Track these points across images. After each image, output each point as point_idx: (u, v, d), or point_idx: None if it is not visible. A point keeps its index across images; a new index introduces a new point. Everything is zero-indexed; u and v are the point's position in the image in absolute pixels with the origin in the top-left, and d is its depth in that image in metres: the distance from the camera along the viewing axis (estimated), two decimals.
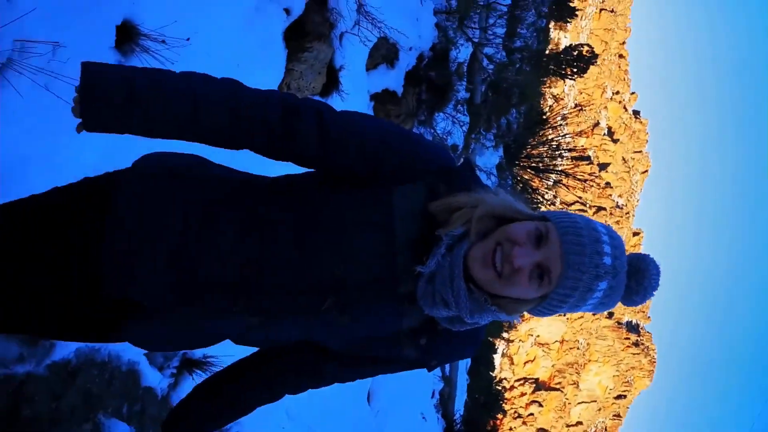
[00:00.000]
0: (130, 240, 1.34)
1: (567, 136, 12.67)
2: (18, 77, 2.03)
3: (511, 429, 36.27)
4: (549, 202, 11.94)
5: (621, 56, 48.16)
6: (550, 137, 11.57)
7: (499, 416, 13.73)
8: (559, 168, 11.39)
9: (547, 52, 14.14)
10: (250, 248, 1.31)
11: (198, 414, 1.59)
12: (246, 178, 1.47)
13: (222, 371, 1.62)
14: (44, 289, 1.49)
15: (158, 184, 1.39)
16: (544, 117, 12.21)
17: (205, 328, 1.43)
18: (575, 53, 13.56)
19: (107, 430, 2.95)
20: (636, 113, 49.70)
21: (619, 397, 43.29)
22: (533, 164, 11.40)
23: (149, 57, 2.67)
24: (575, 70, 13.38)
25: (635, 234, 48.21)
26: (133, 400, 3.24)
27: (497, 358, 28.21)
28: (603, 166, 44.43)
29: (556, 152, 11.35)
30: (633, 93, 49.98)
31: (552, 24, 15.16)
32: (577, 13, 13.77)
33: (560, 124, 12.24)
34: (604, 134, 45.77)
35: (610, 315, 42.19)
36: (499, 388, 15.34)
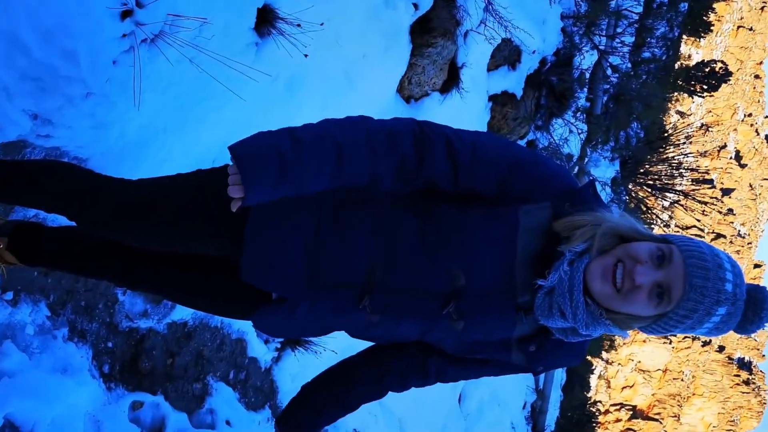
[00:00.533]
0: (267, 238, 1.42)
1: (690, 155, 12.05)
2: (168, 48, 2.17)
3: None
4: (663, 224, 11.40)
5: (757, 77, 45.24)
6: (671, 155, 11.04)
7: None
8: (678, 188, 10.85)
9: (676, 66, 13.47)
10: (377, 248, 1.38)
11: (310, 412, 1.66)
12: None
13: (330, 370, 1.68)
14: (186, 263, 1.64)
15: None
16: (667, 134, 11.67)
17: (324, 321, 1.49)
18: (707, 69, 12.87)
19: (215, 392, 3.10)
20: None
21: None
22: (650, 181, 10.93)
23: (284, 40, 2.79)
24: (705, 87, 12.70)
25: (756, 266, 45.11)
26: (239, 368, 3.39)
27: (593, 379, 27.21)
28: (726, 192, 41.89)
29: (676, 171, 10.82)
30: (767, 117, 46.81)
31: (684, 38, 14.42)
32: (712, 27, 13.03)
33: (683, 143, 11.66)
34: (731, 158, 43.15)
35: (721, 349, 39.78)
36: (594, 409, 14.82)
